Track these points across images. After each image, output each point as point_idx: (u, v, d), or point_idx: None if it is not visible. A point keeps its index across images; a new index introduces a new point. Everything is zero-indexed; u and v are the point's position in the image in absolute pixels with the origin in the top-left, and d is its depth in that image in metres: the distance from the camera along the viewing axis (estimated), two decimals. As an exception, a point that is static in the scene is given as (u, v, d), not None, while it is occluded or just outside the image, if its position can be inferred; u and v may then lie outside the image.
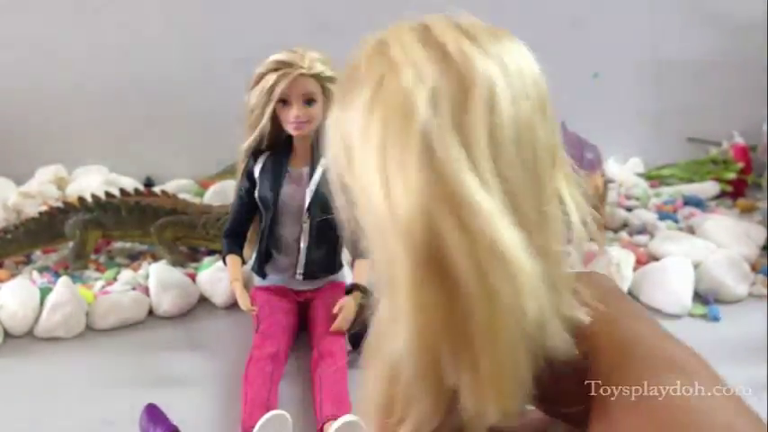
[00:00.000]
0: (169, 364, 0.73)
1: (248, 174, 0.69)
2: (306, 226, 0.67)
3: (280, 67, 0.64)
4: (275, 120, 0.67)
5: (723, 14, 1.18)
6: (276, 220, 0.68)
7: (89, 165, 1.19)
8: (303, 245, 0.68)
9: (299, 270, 0.70)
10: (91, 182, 1.10)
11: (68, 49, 1.14)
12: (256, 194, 0.69)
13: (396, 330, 0.24)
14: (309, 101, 0.65)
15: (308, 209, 0.67)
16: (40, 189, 1.08)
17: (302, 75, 0.64)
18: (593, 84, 1.18)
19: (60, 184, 1.13)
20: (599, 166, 0.91)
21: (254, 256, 0.71)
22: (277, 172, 0.68)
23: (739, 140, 1.17)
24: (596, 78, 1.19)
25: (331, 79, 0.66)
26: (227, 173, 1.08)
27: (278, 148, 0.69)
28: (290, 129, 0.66)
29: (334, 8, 1.13)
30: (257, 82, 0.66)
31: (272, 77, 0.64)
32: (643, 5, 1.19)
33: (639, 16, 1.19)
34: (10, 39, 1.13)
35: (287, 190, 0.67)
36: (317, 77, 0.65)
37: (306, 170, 0.68)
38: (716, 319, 0.80)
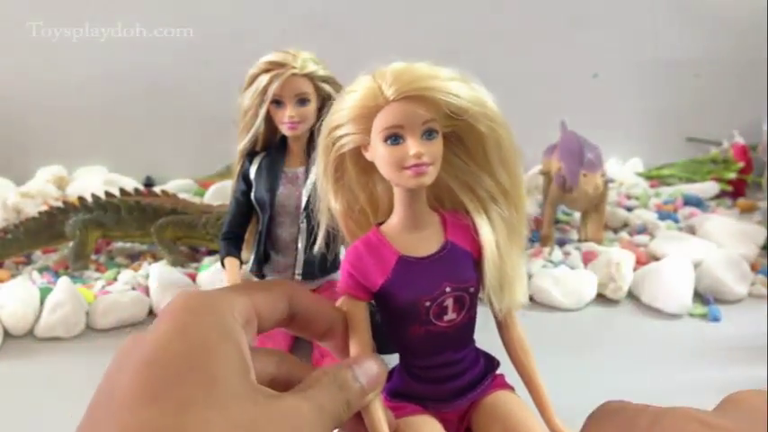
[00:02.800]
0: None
1: (244, 176, 0.69)
2: (303, 226, 0.67)
3: (272, 67, 0.64)
4: (269, 121, 0.67)
5: (723, 14, 1.18)
6: (273, 221, 0.68)
7: (89, 165, 1.19)
8: (300, 245, 0.68)
9: (298, 270, 0.69)
10: (91, 182, 1.11)
11: (69, 49, 1.14)
12: (253, 196, 0.68)
13: None
14: (303, 101, 0.65)
15: (305, 209, 0.66)
16: (40, 189, 1.09)
17: (294, 75, 0.64)
18: (593, 84, 1.18)
19: (60, 184, 1.14)
20: (599, 166, 0.91)
21: (252, 257, 0.71)
22: (273, 173, 0.67)
23: (739, 140, 1.17)
24: (596, 78, 1.19)
25: (324, 79, 0.66)
26: (223, 174, 1.08)
27: (273, 149, 0.69)
28: (284, 129, 0.66)
29: (334, 8, 1.13)
30: (250, 83, 0.66)
31: (264, 78, 0.64)
32: (643, 5, 1.18)
33: (639, 16, 1.19)
34: (10, 39, 1.13)
35: (283, 191, 0.67)
36: (310, 77, 0.65)
37: (301, 170, 0.68)
38: (716, 319, 0.79)
